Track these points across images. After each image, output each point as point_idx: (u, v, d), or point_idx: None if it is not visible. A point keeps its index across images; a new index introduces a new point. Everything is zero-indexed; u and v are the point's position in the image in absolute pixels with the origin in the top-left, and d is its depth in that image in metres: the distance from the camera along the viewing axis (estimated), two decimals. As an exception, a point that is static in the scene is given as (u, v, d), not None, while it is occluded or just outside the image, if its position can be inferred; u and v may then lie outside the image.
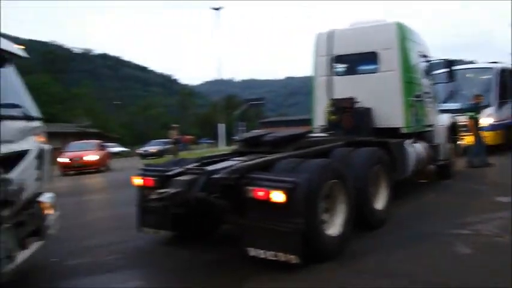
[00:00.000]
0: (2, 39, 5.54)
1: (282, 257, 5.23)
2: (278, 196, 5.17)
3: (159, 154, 37.28)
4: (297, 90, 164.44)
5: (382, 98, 9.61)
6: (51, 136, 6.54)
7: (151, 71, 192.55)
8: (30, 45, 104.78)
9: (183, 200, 5.94)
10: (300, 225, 5.19)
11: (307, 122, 11.36)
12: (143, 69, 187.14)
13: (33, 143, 5.50)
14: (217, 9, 48.70)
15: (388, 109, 9.58)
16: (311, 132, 10.07)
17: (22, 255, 4.85)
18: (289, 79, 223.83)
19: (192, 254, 6.42)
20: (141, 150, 41.89)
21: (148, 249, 6.92)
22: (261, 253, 5.38)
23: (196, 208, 6.11)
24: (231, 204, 5.74)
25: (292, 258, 5.17)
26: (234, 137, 36.59)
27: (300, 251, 5.19)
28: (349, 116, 9.59)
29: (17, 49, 5.72)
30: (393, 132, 9.43)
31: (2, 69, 5.58)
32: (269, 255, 5.33)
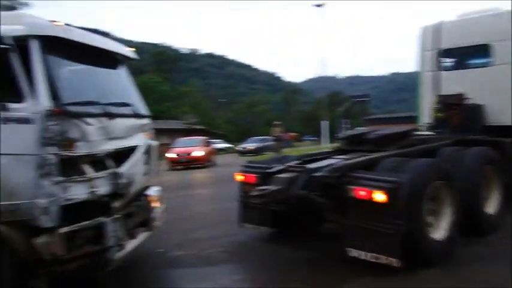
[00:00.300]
0: (116, 42, 5.95)
1: (383, 259, 5.09)
2: (380, 196, 5.04)
3: (257, 151, 37.53)
4: (403, 87, 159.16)
5: (494, 93, 9.01)
6: (160, 132, 6.90)
7: (255, 69, 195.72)
8: (142, 47, 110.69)
9: (284, 198, 5.99)
10: (401, 226, 5.02)
11: (413, 119, 10.96)
12: (248, 67, 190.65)
13: (142, 139, 5.83)
14: (319, 5, 48.37)
15: (502, 105, 8.94)
16: (416, 130, 9.70)
17: (130, 245, 5.18)
18: (395, 75, 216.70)
19: (292, 251, 6.47)
20: (240, 147, 42.61)
21: (249, 244, 7.07)
22: (362, 254, 5.28)
23: (297, 206, 6.13)
24: (331, 203, 5.70)
25: (394, 262, 5.01)
26: (338, 135, 36.16)
27: (401, 254, 5.01)
28: (457, 113, 9.11)
29: (128, 51, 6.10)
30: (505, 130, 8.79)
31: (115, 71, 6.00)
32: (370, 257, 5.21)
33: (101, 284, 5.39)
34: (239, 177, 6.98)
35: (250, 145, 40.72)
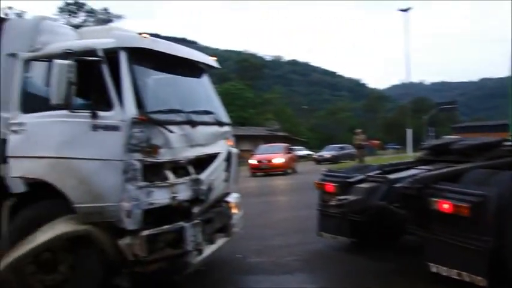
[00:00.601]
0: (199, 52, 6.16)
1: (466, 277, 4.83)
2: (464, 210, 4.80)
3: (333, 160, 36.80)
4: (494, 93, 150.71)
5: None
6: (243, 138, 7.04)
7: (339, 76, 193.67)
8: (226, 55, 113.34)
9: (363, 208, 5.90)
10: (488, 243, 4.72)
11: (505, 127, 10.41)
12: (332, 74, 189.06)
13: (223, 147, 5.97)
14: (405, 10, 47.06)
15: None
16: (507, 140, 9.18)
17: (209, 249, 5.33)
18: (485, 80, 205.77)
19: (370, 263, 6.35)
20: (316, 155, 42.09)
21: (326, 253, 7.02)
22: (443, 270, 5.05)
23: (376, 217, 6.02)
24: (412, 215, 5.53)
25: (479, 280, 4.72)
26: (423, 143, 34.67)
27: (488, 273, 4.72)
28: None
29: (211, 60, 6.29)
30: None
31: (198, 79, 6.20)
32: (452, 273, 4.96)
33: (178, 287, 5.56)
34: (318, 186, 6.94)
35: (326, 153, 39.95)
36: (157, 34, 4.94)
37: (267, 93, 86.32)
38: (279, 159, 25.86)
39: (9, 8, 56.95)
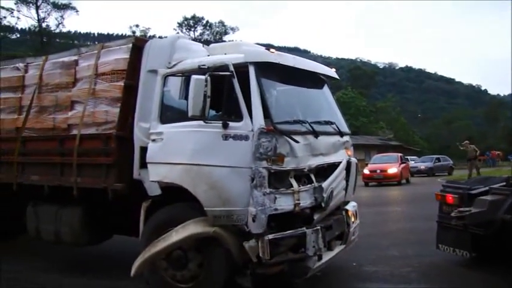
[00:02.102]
0: (320, 64, 6.40)
1: None
2: None
3: (427, 172, 34.47)
4: None
5: None
6: (355, 147, 7.12)
7: (458, 82, 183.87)
8: (338, 63, 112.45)
9: (486, 221, 5.73)
10: None
11: None
12: (448, 80, 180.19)
13: (343, 156, 6.11)
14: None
15: None
16: None
17: (327, 255, 5.47)
18: None
19: (490, 279, 6.13)
20: (410, 166, 39.32)
21: (444, 267, 6.84)
22: None
23: (500, 231, 5.81)
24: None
25: None
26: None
27: None
28: None
29: (332, 72, 6.50)
30: None
31: (319, 90, 6.43)
32: None
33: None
34: (438, 197, 6.81)
35: (421, 164, 36.80)
36: (270, 44, 5.19)
37: (380, 102, 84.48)
38: (392, 170, 25.28)
39: (136, 25, 61.71)
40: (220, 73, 5.06)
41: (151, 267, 5.42)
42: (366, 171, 26.03)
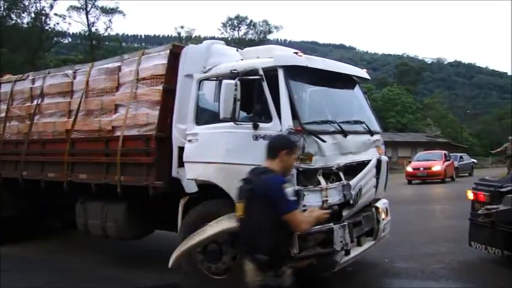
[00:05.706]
0: (350, 66, 6.59)
1: None
2: None
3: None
4: None
5: None
6: (402, 145, 7.21)
7: (511, 76, 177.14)
8: (385, 59, 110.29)
9: None
10: None
11: None
12: (502, 74, 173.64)
13: (373, 154, 6.26)
14: None
15: None
16: None
17: (356, 251, 5.65)
18: None
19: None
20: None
21: (477, 264, 6.89)
22: None
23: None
24: None
25: None
26: None
27: None
28: None
29: (362, 72, 6.69)
30: None
31: (349, 91, 6.62)
32: None
33: (325, 284, 5.97)
34: (470, 195, 6.87)
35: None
36: (315, 42, 5.36)
37: (427, 98, 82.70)
38: (436, 167, 24.83)
39: (181, 27, 62.74)
40: (250, 77, 5.33)
41: (189, 259, 5.77)
42: (409, 168, 25.72)
